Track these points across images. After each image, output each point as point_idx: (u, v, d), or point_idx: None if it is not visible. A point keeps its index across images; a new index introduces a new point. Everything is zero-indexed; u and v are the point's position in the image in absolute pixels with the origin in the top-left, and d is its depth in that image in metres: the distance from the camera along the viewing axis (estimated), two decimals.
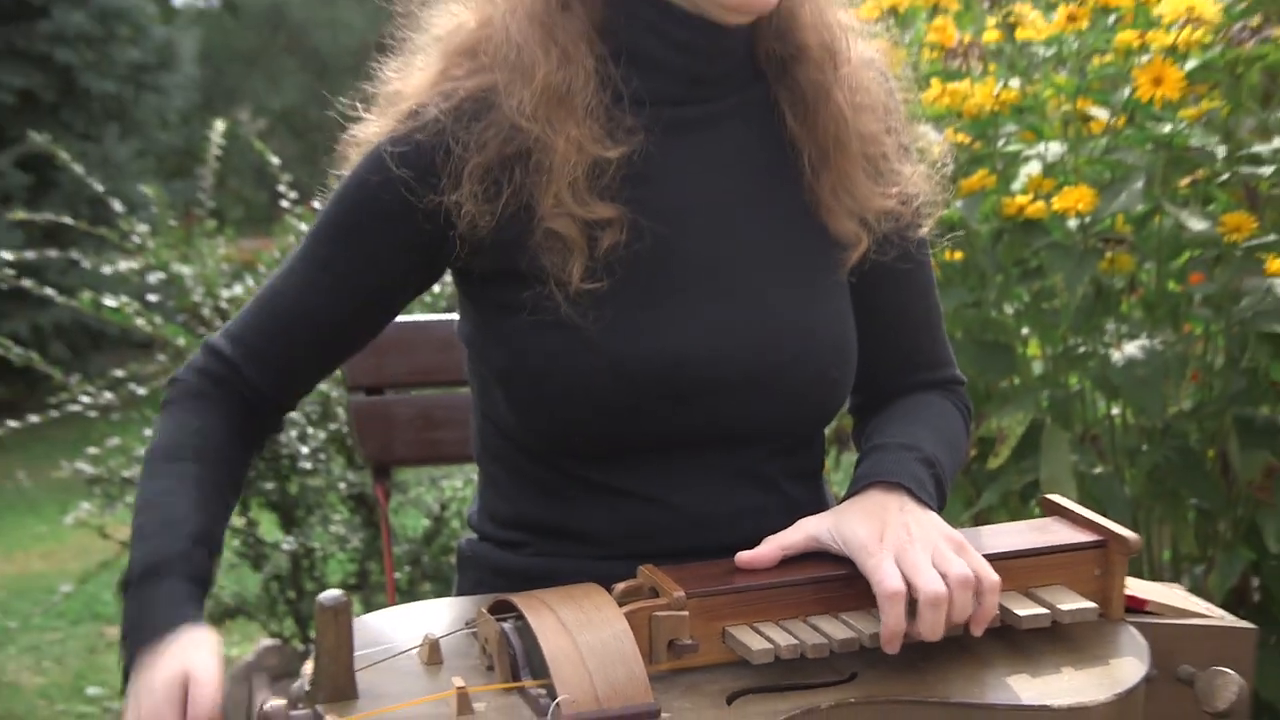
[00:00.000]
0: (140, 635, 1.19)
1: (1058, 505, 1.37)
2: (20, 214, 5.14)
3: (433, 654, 1.17)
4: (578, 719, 1.05)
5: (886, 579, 1.13)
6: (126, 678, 1.19)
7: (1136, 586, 1.36)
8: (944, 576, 1.13)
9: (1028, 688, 1.15)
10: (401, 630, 1.24)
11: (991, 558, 1.25)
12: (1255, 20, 2.22)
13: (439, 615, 1.28)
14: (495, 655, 1.15)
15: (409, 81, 1.38)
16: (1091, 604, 1.24)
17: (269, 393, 1.40)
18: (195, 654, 1.15)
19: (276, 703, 1.08)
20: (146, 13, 8.47)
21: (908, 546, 1.17)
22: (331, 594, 1.08)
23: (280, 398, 1.43)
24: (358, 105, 1.40)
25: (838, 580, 1.20)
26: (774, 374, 1.35)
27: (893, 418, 1.42)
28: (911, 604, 1.13)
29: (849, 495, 1.29)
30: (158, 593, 1.22)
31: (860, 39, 1.45)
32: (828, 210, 1.37)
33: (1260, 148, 2.34)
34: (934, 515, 1.25)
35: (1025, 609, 1.21)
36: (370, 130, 1.37)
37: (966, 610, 1.14)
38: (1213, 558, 2.43)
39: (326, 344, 1.42)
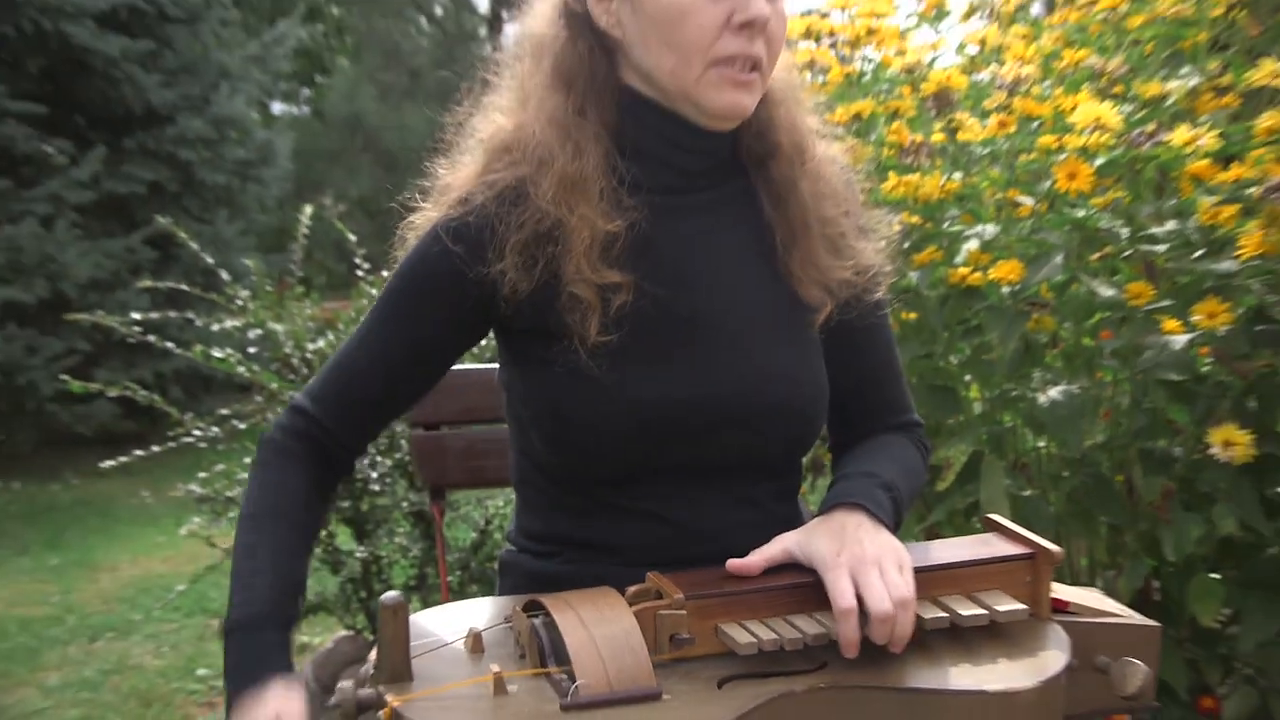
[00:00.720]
0: (239, 680, 1.17)
1: (995, 523, 1.36)
2: (147, 282, 5.14)
3: (475, 644, 1.18)
4: (593, 699, 1.06)
5: (841, 598, 1.13)
6: (229, 709, 1.17)
7: (1060, 590, 1.35)
8: (891, 596, 1.13)
9: (969, 675, 1.14)
10: (451, 625, 1.23)
11: (939, 567, 1.26)
12: (1150, 127, 2.22)
13: (481, 612, 1.27)
14: (526, 646, 1.16)
15: (457, 175, 1.39)
16: (1022, 605, 1.23)
17: (345, 440, 1.40)
18: (286, 704, 1.13)
19: (346, 684, 1.08)
20: (251, 119, 8.54)
21: (861, 565, 1.16)
22: (391, 595, 1.10)
23: (355, 443, 1.42)
24: (417, 196, 1.41)
25: (810, 585, 1.18)
26: (759, 413, 1.35)
27: (860, 453, 1.42)
28: (865, 613, 1.13)
29: (819, 514, 1.28)
30: (254, 644, 1.20)
31: (824, 139, 1.45)
32: (797, 280, 1.38)
33: (1156, 230, 2.34)
34: (886, 533, 1.23)
35: (968, 609, 1.20)
36: (426, 217, 1.38)
37: (908, 625, 1.13)
38: (1122, 565, 2.42)
39: (395, 394, 1.41)
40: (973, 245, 2.42)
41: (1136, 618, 1.35)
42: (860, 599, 1.13)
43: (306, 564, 1.33)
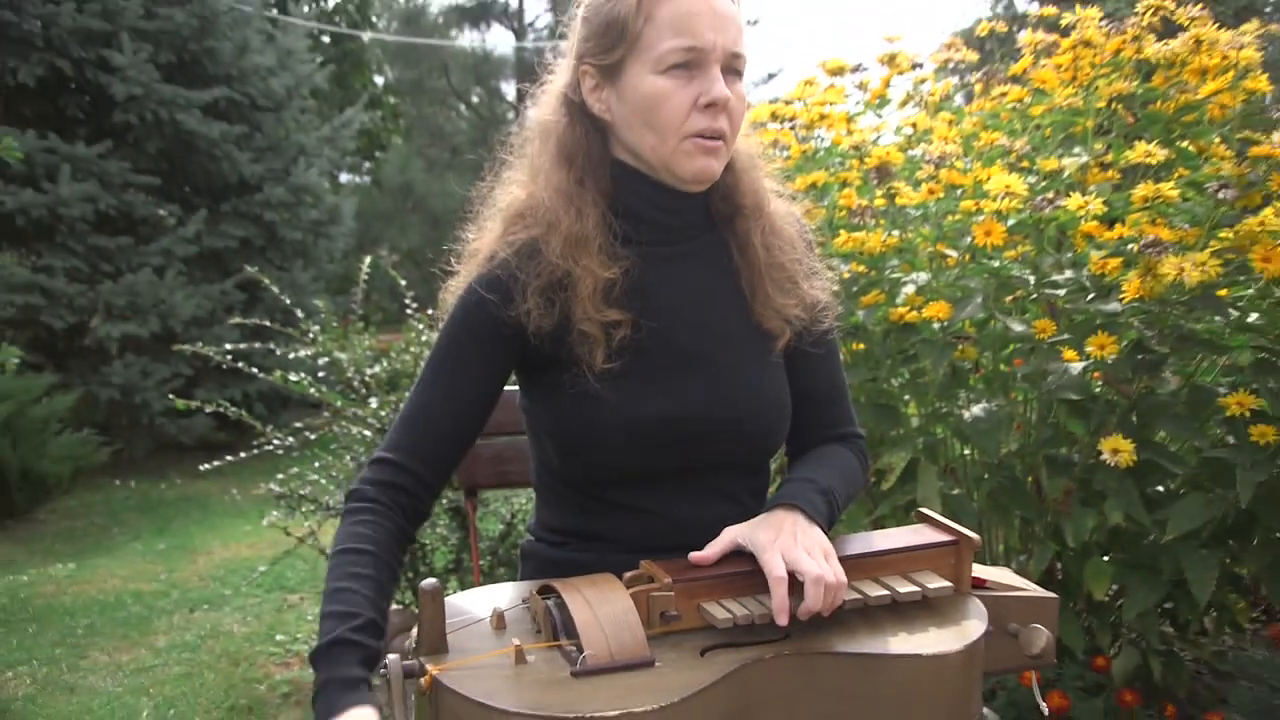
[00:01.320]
0: (323, 700, 1.07)
1: (928, 516, 1.36)
2: (237, 319, 5.14)
3: (499, 622, 1.17)
4: (598, 667, 1.05)
5: (774, 568, 1.13)
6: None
7: (979, 570, 1.35)
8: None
9: (906, 642, 1.14)
10: (478, 605, 1.23)
11: (882, 553, 1.25)
12: (1050, 195, 2.23)
13: (503, 595, 1.26)
14: (541, 623, 1.15)
15: (483, 240, 1.39)
16: (949, 583, 1.23)
17: (428, 479, 1.32)
18: None
19: (393, 656, 1.07)
20: (323, 187, 8.55)
21: (791, 547, 1.15)
22: (430, 582, 1.10)
23: (436, 481, 1.34)
24: (452, 260, 1.40)
25: None
26: (735, 424, 1.34)
27: (807, 461, 1.41)
28: (799, 586, 1.12)
29: (764, 512, 1.27)
30: (338, 669, 1.09)
31: (780, 198, 1.46)
32: (759, 314, 1.38)
33: (1056, 277, 2.33)
34: (817, 530, 1.22)
35: (905, 587, 1.20)
36: (460, 280, 1.37)
37: (824, 603, 1.12)
38: (1031, 550, 2.40)
39: (464, 427, 1.34)
40: (909, 289, 2.42)
41: (1040, 591, 1.34)
42: (794, 573, 1.13)
43: (388, 605, 1.22)
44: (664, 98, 1.26)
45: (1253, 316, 2.18)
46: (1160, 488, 2.31)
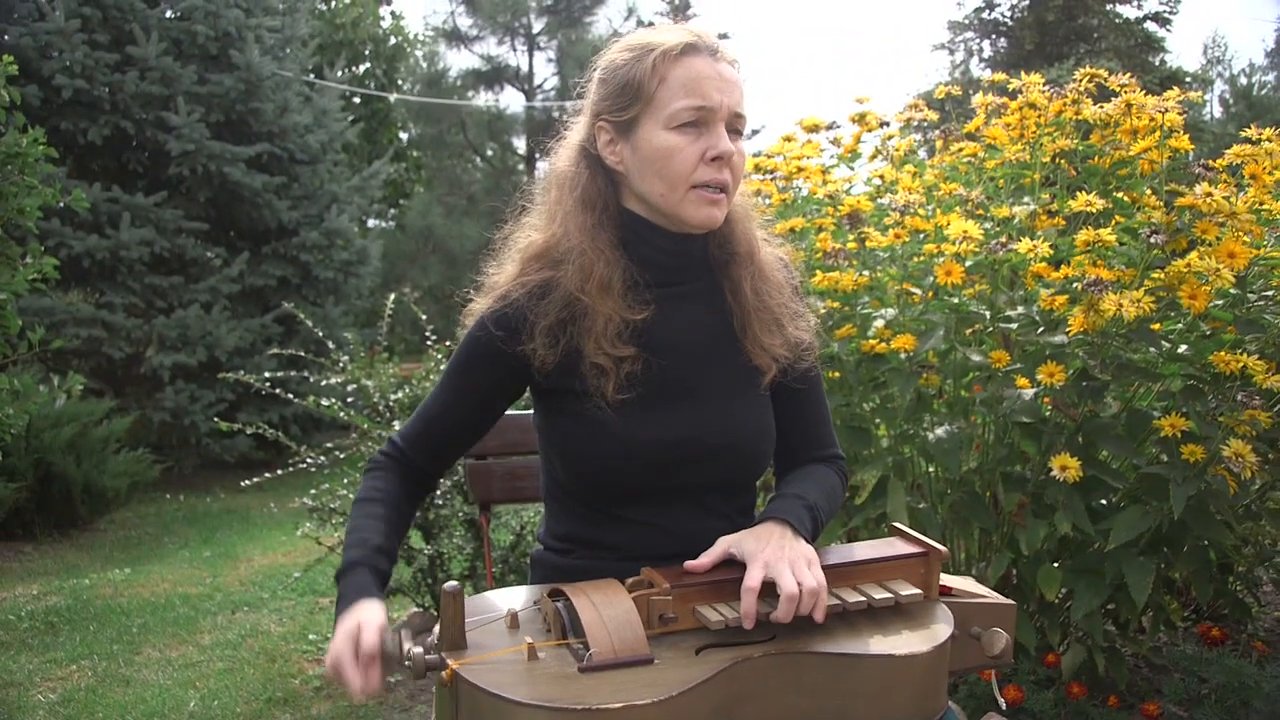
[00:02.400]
0: (342, 604, 1.18)
1: (898, 529, 1.35)
2: (275, 350, 5.14)
3: (513, 621, 1.16)
4: (602, 663, 1.04)
5: (749, 580, 1.13)
6: (336, 624, 1.18)
7: (946, 579, 1.34)
8: (800, 584, 1.12)
9: (882, 643, 1.13)
10: (494, 606, 1.21)
11: (859, 563, 1.24)
12: (1003, 239, 2.23)
13: (517, 597, 1.25)
14: (551, 623, 1.13)
15: (501, 276, 1.39)
16: (919, 590, 1.22)
17: (427, 468, 1.41)
18: (366, 613, 1.14)
19: (418, 649, 1.07)
20: (352, 231, 8.56)
21: (777, 561, 1.14)
22: (451, 585, 1.08)
23: (433, 469, 1.43)
24: (470, 291, 1.41)
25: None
26: (726, 449, 1.34)
27: (793, 479, 1.40)
28: (776, 597, 1.12)
29: (755, 524, 1.26)
30: (352, 581, 1.21)
31: (769, 245, 1.45)
32: (750, 351, 1.37)
33: (1010, 312, 2.34)
34: (802, 542, 1.21)
35: (879, 594, 1.19)
36: (477, 307, 1.38)
37: (806, 608, 1.11)
38: (989, 558, 2.40)
39: (460, 435, 1.41)
40: (879, 323, 2.42)
41: (999, 598, 1.33)
42: (772, 584, 1.12)
43: (398, 539, 1.33)
44: (675, 151, 1.27)
45: (1182, 348, 2.18)
46: (1104, 501, 2.30)
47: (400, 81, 16.68)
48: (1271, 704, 2.04)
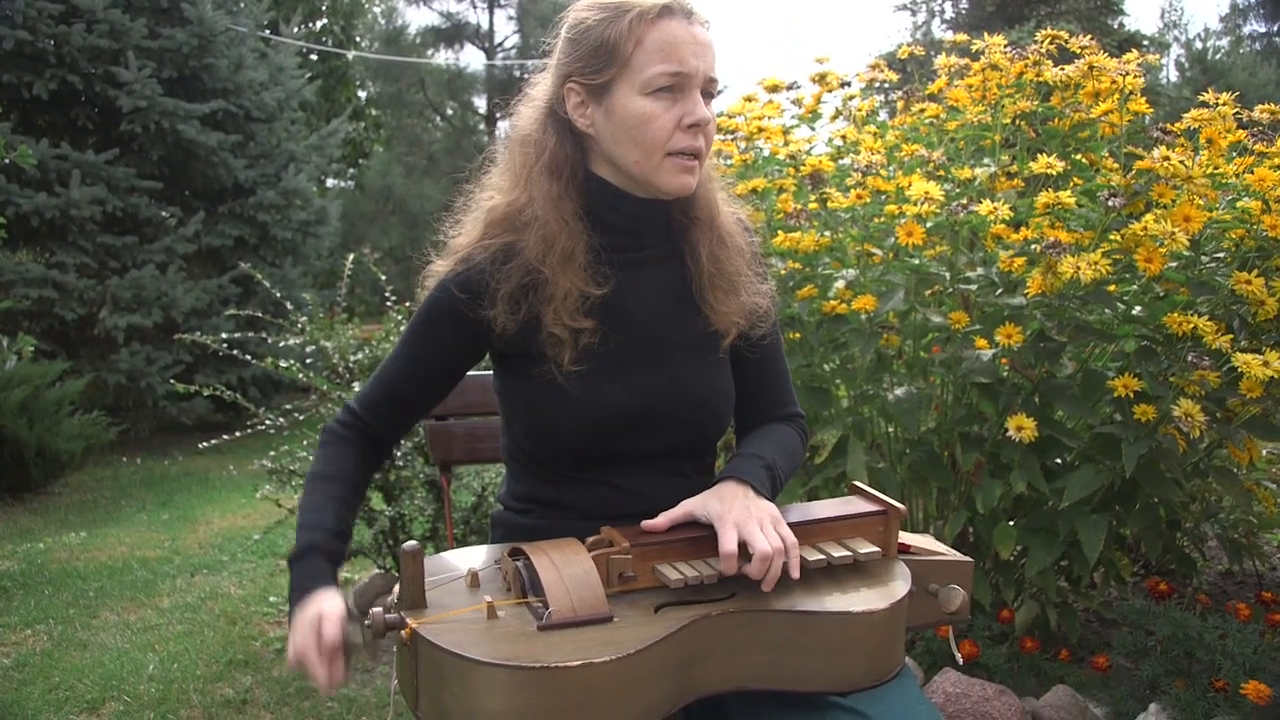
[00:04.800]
0: (297, 593, 1.17)
1: (857, 488, 1.35)
2: (233, 311, 5.06)
3: (473, 581, 1.15)
4: (561, 622, 1.04)
5: (727, 544, 1.12)
6: (290, 616, 1.16)
7: (905, 537, 1.34)
8: (773, 543, 1.12)
9: (839, 601, 1.13)
10: (454, 566, 1.21)
11: (817, 521, 1.25)
12: (964, 201, 2.24)
13: (477, 556, 1.24)
14: (511, 582, 1.13)
15: (462, 238, 1.36)
16: (877, 548, 1.22)
17: (384, 432, 1.39)
18: (326, 603, 1.13)
19: (376, 610, 1.06)
20: (311, 191, 8.41)
21: (747, 521, 1.14)
22: (410, 544, 1.08)
23: (391, 434, 1.40)
24: (431, 252, 1.38)
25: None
26: (686, 414, 1.33)
27: (752, 439, 1.40)
28: (748, 557, 1.11)
29: (714, 483, 1.26)
30: (308, 567, 1.19)
31: (730, 208, 1.44)
32: (709, 315, 1.36)
33: (969, 274, 2.35)
34: (765, 501, 1.21)
35: (838, 552, 1.19)
36: (438, 268, 1.35)
37: (778, 569, 1.12)
38: (946, 516, 2.43)
39: (419, 400, 1.39)
40: (840, 284, 2.43)
41: (957, 555, 1.35)
42: (744, 545, 1.12)
43: (353, 517, 1.31)
44: (651, 118, 1.25)
45: (1137, 309, 2.21)
46: (1058, 460, 2.34)
47: (358, 39, 16.36)
48: (1212, 653, 2.09)
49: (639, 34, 1.25)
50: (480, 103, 15.44)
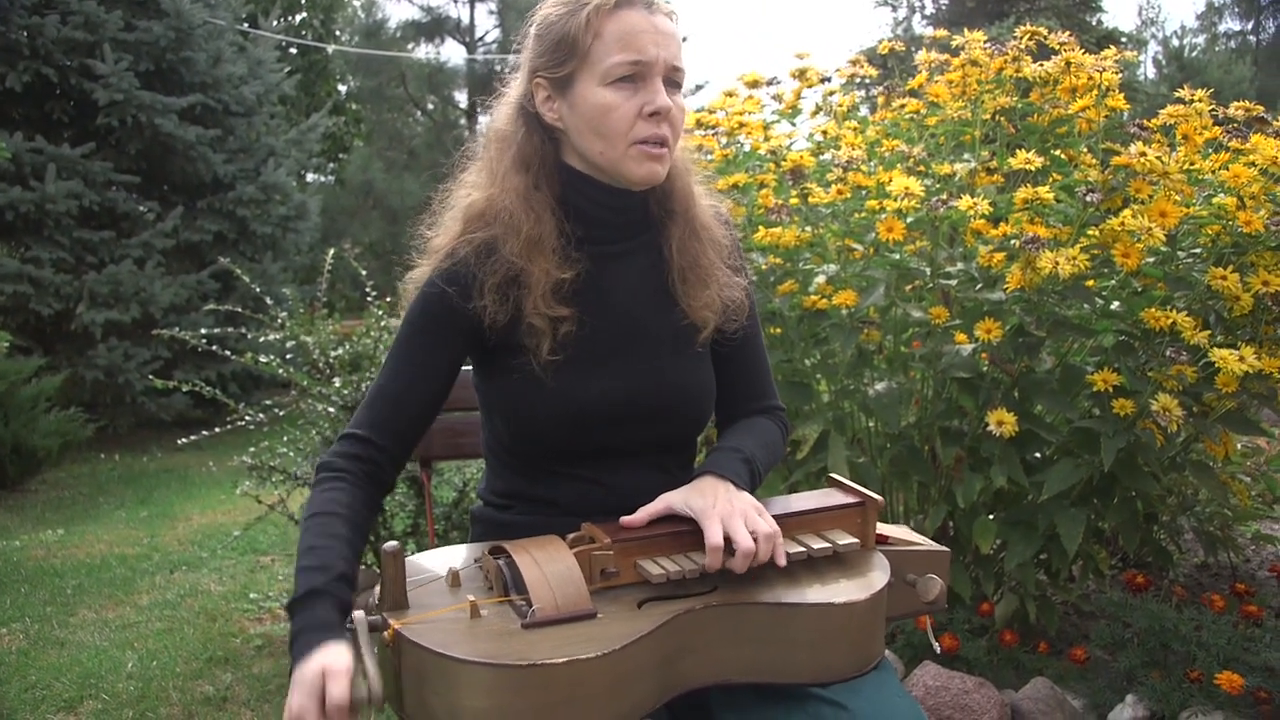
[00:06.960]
0: (298, 644, 1.05)
1: (837, 481, 1.35)
2: (212, 306, 5.02)
3: (455, 580, 1.14)
4: (545, 619, 1.04)
5: (713, 537, 1.12)
6: (292, 669, 1.05)
7: (882, 528, 1.35)
8: (754, 533, 1.12)
9: (819, 593, 1.13)
10: (436, 564, 1.20)
11: (798, 513, 1.24)
12: (944, 196, 2.25)
13: (459, 555, 1.23)
14: (493, 580, 1.12)
15: (442, 238, 1.35)
16: (856, 540, 1.22)
17: (394, 452, 1.29)
18: (332, 659, 1.02)
19: (358, 613, 1.04)
20: (291, 186, 8.36)
21: (731, 516, 1.14)
22: (391, 545, 1.06)
23: (400, 454, 1.30)
24: (412, 254, 1.37)
25: (699, 532, 1.16)
26: (665, 407, 1.33)
27: (732, 432, 1.40)
28: (732, 551, 1.12)
29: (693, 478, 1.25)
30: (310, 615, 1.07)
31: (709, 200, 1.44)
32: (687, 307, 1.36)
33: (949, 269, 2.36)
34: (745, 494, 1.22)
35: (817, 544, 1.19)
36: (420, 272, 1.33)
37: (765, 555, 1.12)
38: (927, 510, 2.44)
39: (426, 406, 1.31)
40: (820, 279, 2.43)
41: (934, 545, 1.35)
42: (729, 539, 1.12)
43: (357, 561, 1.19)
44: (612, 108, 1.25)
45: (1115, 304, 2.22)
46: (1038, 454, 2.35)
47: (338, 32, 16.26)
48: (1187, 645, 2.11)
49: (597, 26, 1.25)
50: (461, 97, 15.40)
